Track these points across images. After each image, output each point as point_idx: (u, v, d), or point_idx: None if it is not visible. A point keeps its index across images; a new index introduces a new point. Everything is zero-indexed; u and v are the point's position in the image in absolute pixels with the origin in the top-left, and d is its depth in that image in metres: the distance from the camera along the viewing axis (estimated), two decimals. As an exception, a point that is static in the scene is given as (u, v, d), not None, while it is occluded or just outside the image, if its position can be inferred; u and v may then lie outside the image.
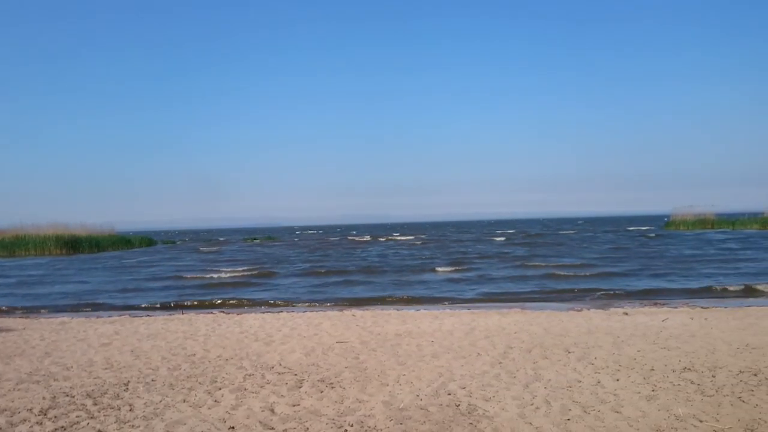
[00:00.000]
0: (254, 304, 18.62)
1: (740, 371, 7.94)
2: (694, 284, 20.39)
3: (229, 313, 15.85)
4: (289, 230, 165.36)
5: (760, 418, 6.01)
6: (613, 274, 24.23)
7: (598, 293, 18.81)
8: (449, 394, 7.14)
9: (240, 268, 30.96)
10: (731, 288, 18.96)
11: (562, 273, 24.96)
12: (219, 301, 19.01)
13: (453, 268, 28.09)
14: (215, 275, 27.99)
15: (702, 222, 71.57)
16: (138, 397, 7.36)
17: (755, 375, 7.72)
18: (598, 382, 7.54)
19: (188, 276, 27.95)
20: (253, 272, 28.90)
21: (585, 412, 6.35)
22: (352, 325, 12.75)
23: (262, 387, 7.71)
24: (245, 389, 7.61)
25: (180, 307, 18.19)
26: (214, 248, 57.35)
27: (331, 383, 7.82)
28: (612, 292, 18.87)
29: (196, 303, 18.97)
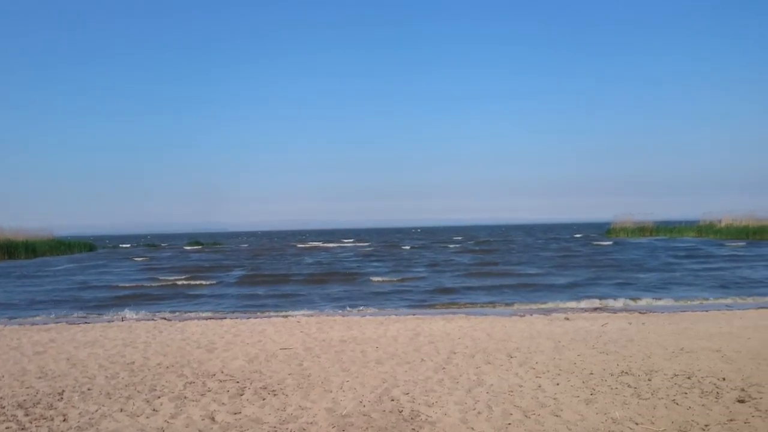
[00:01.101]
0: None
1: (675, 374, 8.17)
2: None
3: (171, 320, 15.54)
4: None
5: (692, 420, 6.18)
6: (555, 286, 24.65)
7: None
8: (392, 400, 7.14)
9: (167, 277, 29.64)
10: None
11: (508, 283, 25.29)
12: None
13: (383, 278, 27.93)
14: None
15: (641, 230, 73.73)
16: (73, 406, 7.14)
17: (689, 378, 7.95)
18: (539, 387, 7.65)
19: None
20: (165, 283, 27.39)
21: (525, 416, 6.43)
22: (297, 332, 12.64)
23: (202, 395, 7.57)
24: (185, 397, 7.46)
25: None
26: (150, 255, 55.47)
27: (274, 390, 7.73)
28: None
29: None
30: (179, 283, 27.14)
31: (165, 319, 16.01)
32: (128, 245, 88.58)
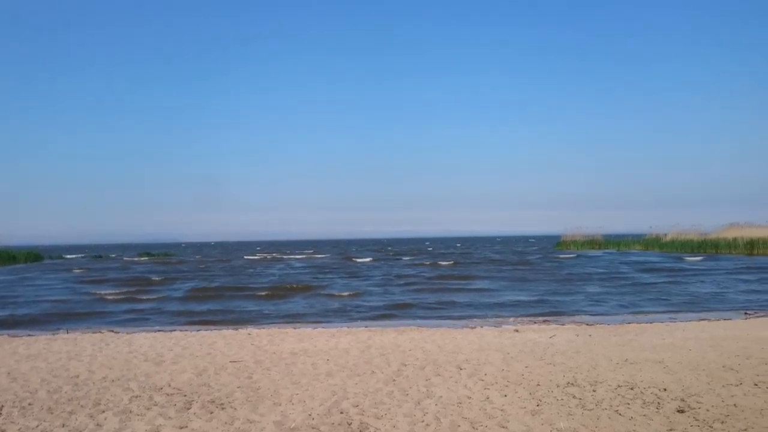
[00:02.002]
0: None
1: (619, 385, 8.37)
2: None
3: (118, 333, 15.23)
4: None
5: (633, 430, 6.35)
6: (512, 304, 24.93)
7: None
8: (342, 413, 7.15)
9: (97, 291, 27.82)
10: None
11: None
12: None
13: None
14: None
15: (590, 242, 75.35)
16: (12, 422, 6.95)
17: (632, 389, 8.15)
18: (487, 398, 7.75)
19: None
20: (94, 296, 25.76)
21: (473, 428, 6.51)
22: (247, 344, 12.54)
23: (148, 409, 7.45)
24: (131, 411, 7.33)
25: None
26: (91, 267, 53.36)
27: (222, 404, 7.66)
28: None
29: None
30: (109, 297, 25.43)
31: (112, 331, 15.68)
32: (76, 255, 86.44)
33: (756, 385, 8.24)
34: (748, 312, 18.13)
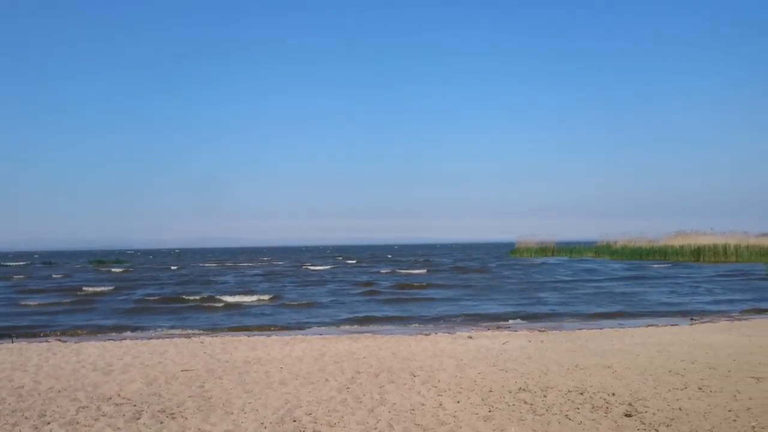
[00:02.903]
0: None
1: (569, 390, 8.51)
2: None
3: (66, 342, 14.86)
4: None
5: (583, 434, 6.47)
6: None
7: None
8: (294, 421, 7.10)
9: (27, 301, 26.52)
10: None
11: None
12: None
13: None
14: None
15: (544, 250, 76.50)
16: (-48, 435, 6.72)
17: (581, 394, 8.30)
18: (440, 405, 7.80)
19: None
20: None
21: (426, 434, 6.54)
22: (200, 353, 12.37)
23: (96, 420, 7.28)
24: (77, 423, 7.16)
25: None
26: (29, 274, 51.43)
27: (173, 414, 7.53)
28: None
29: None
30: (32, 305, 24.56)
31: (60, 340, 15.29)
32: (23, 262, 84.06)
33: (700, 389, 8.47)
34: (693, 318, 18.63)
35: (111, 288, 32.78)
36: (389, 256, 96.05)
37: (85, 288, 32.48)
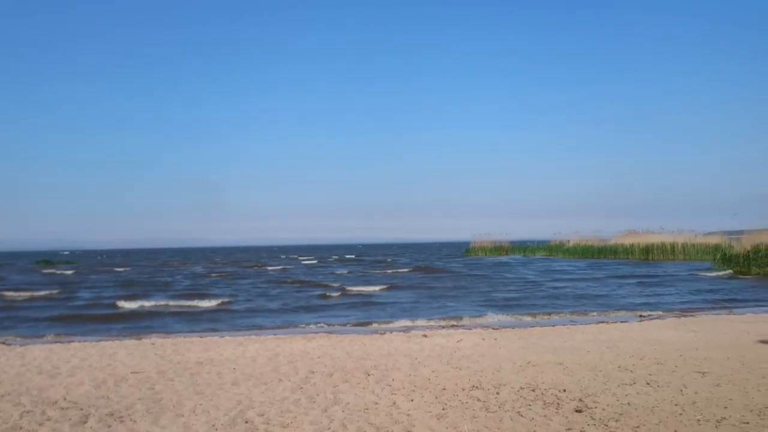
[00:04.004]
0: None
1: (521, 387, 8.60)
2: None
3: (10, 344, 14.42)
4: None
5: (534, 431, 6.54)
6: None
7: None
8: (246, 422, 7.02)
9: None
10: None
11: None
12: None
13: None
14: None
15: (498, 249, 77.44)
16: None
17: (533, 390, 8.40)
18: (394, 403, 7.80)
19: None
20: None
21: (379, 433, 6.53)
22: (150, 354, 12.14)
23: (41, 425, 7.07)
24: (21, 428, 6.94)
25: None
26: None
27: (121, 417, 7.36)
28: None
29: None
30: None
31: (4, 343, 14.83)
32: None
33: (648, 384, 8.65)
34: (642, 315, 19.04)
35: (45, 293, 30.69)
36: (353, 256, 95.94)
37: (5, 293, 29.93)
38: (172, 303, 24.35)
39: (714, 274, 33.89)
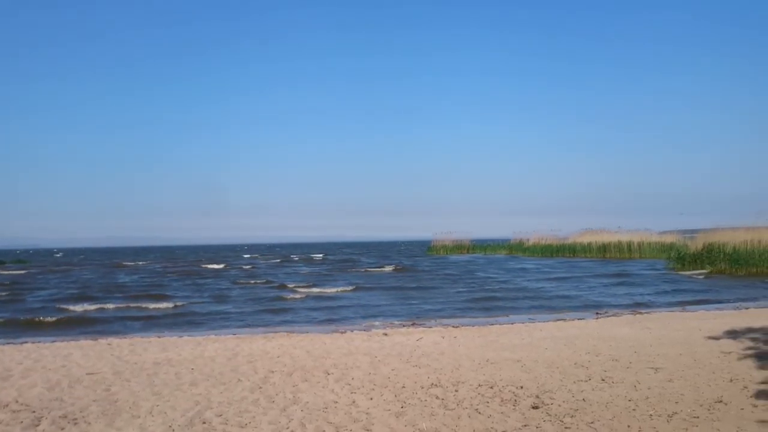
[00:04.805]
0: None
1: (479, 384, 8.69)
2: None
3: (-40, 346, 14.01)
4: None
5: (491, 428, 6.61)
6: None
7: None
8: (204, 423, 6.96)
9: None
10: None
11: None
12: None
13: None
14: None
15: (459, 247, 77.97)
16: None
17: (491, 387, 8.49)
18: (353, 402, 7.81)
19: None
20: None
21: (338, 432, 6.54)
22: (107, 355, 11.93)
23: (-9, 428, 6.91)
24: (-30, 432, 6.77)
25: None
26: None
27: (75, 419, 7.23)
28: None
29: None
30: None
31: (-47, 345, 14.41)
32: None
33: (603, 380, 8.82)
34: (599, 312, 19.38)
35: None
36: (320, 256, 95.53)
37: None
38: (121, 305, 23.30)
39: (690, 272, 34.16)
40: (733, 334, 12.65)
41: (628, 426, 6.58)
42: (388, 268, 46.24)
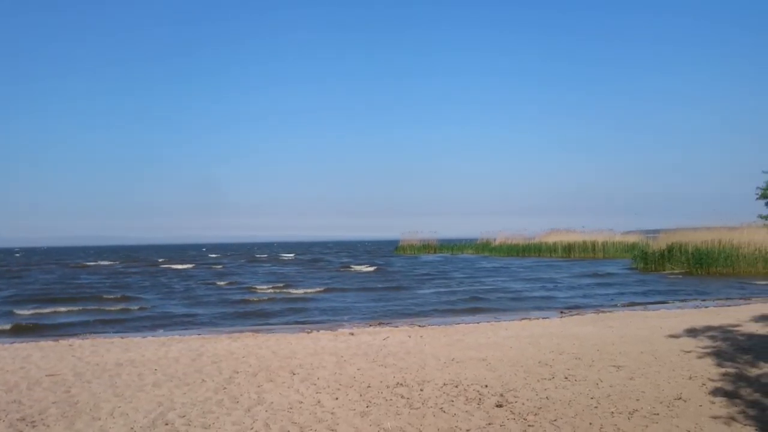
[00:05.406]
0: None
1: (444, 383, 8.73)
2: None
3: None
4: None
5: (456, 426, 6.65)
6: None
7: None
8: (167, 424, 6.87)
9: None
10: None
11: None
12: None
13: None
14: None
15: (426, 247, 78.31)
16: None
17: (456, 386, 8.53)
18: (318, 402, 7.79)
19: None
20: None
21: (302, 432, 6.51)
22: (68, 356, 11.72)
23: (-55, 431, 6.73)
24: (-77, 435, 6.59)
25: None
26: None
27: (34, 421, 7.09)
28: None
29: None
30: None
31: None
32: None
33: (566, 378, 8.93)
34: (563, 311, 19.61)
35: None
36: (290, 256, 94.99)
37: None
38: (84, 307, 22.47)
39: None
40: (693, 332, 12.90)
41: (590, 423, 6.67)
42: (361, 268, 46.21)
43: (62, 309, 21.75)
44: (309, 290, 28.21)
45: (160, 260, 68.38)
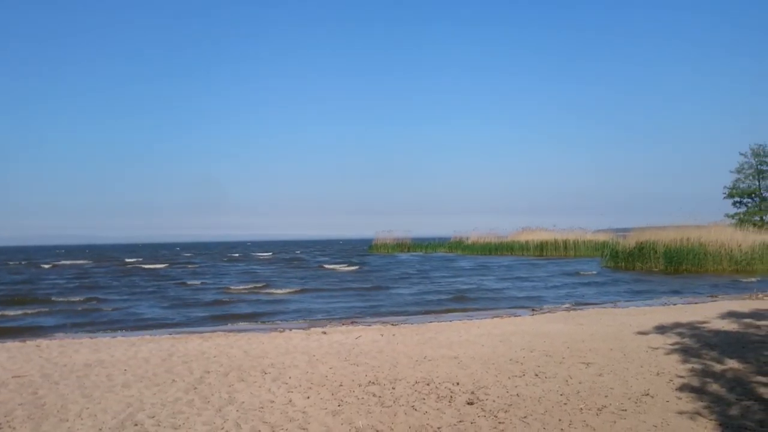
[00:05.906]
0: None
1: (416, 382, 8.76)
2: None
3: None
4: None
5: (427, 424, 6.68)
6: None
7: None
8: (136, 425, 6.81)
9: None
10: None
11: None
12: None
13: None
14: None
15: (400, 246, 78.54)
16: None
17: (428, 384, 8.57)
18: (290, 401, 7.77)
19: None
20: None
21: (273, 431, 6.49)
22: (35, 357, 11.54)
23: None
24: None
25: None
26: None
27: (-1, 424, 6.98)
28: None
29: None
30: None
31: None
32: None
33: (537, 375, 9.02)
34: (534, 309, 19.78)
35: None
36: (267, 254, 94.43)
37: None
38: (45, 309, 21.70)
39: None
40: (661, 329, 13.10)
41: (560, 420, 6.75)
42: (338, 267, 46.13)
43: (30, 310, 21.32)
44: (285, 290, 28.08)
45: (132, 260, 67.57)
